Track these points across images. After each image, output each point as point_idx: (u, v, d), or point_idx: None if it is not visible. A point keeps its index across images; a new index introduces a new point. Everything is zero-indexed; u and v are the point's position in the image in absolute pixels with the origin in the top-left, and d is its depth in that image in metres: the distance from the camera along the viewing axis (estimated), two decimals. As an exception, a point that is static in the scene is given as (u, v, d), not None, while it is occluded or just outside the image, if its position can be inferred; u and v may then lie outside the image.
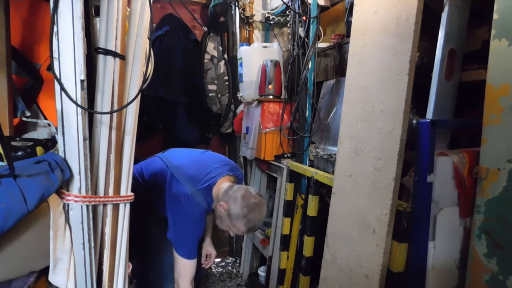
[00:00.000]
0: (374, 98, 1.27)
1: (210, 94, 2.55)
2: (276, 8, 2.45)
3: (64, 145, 0.77)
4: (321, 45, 1.92)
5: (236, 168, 1.56)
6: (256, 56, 2.24)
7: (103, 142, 0.86)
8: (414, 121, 1.33)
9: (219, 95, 2.58)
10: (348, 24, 1.67)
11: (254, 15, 2.60)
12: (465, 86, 1.30)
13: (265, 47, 2.28)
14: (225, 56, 2.58)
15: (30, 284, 0.71)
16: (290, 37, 2.12)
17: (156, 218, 1.52)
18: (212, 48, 2.55)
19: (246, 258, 2.59)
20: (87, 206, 0.81)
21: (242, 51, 2.30)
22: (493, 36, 1.03)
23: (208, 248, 1.75)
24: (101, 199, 0.86)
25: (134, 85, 0.92)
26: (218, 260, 2.78)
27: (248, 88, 2.29)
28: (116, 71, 0.85)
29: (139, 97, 0.92)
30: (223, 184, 1.40)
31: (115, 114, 0.86)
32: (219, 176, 1.42)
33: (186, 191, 1.33)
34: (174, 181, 1.38)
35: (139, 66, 0.92)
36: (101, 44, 0.83)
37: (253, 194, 1.34)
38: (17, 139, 0.85)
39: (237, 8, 2.51)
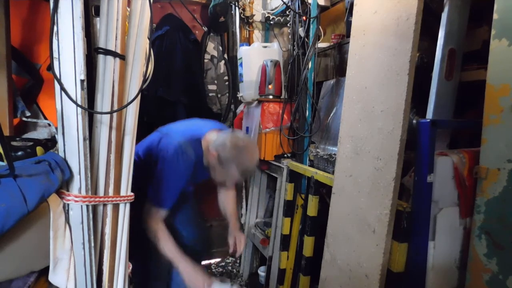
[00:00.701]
0: (374, 98, 1.27)
1: (210, 94, 2.55)
2: (276, 8, 2.45)
3: (64, 145, 0.77)
4: (321, 45, 1.92)
5: (226, 128, 1.60)
6: (256, 56, 2.24)
7: (103, 142, 0.86)
8: (414, 121, 1.33)
9: (219, 95, 2.58)
10: (348, 24, 1.67)
11: (254, 15, 2.60)
12: (465, 86, 1.30)
13: (265, 47, 2.28)
14: (225, 56, 2.58)
15: (30, 284, 0.71)
16: (290, 37, 2.12)
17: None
18: (212, 48, 2.55)
19: (246, 258, 2.59)
20: (87, 206, 0.82)
21: (242, 51, 2.30)
22: (493, 36, 1.03)
23: (236, 232, 1.68)
24: (101, 199, 0.86)
25: (134, 85, 0.92)
26: (218, 260, 2.78)
27: (248, 88, 2.28)
28: (116, 71, 0.85)
29: (139, 97, 0.92)
30: (211, 136, 1.43)
31: (115, 114, 0.86)
32: (207, 129, 1.46)
33: (174, 142, 1.35)
34: (163, 138, 1.41)
35: (139, 66, 0.92)
36: (101, 44, 0.83)
37: (240, 137, 1.36)
38: (17, 139, 0.85)
39: (237, 8, 2.51)
